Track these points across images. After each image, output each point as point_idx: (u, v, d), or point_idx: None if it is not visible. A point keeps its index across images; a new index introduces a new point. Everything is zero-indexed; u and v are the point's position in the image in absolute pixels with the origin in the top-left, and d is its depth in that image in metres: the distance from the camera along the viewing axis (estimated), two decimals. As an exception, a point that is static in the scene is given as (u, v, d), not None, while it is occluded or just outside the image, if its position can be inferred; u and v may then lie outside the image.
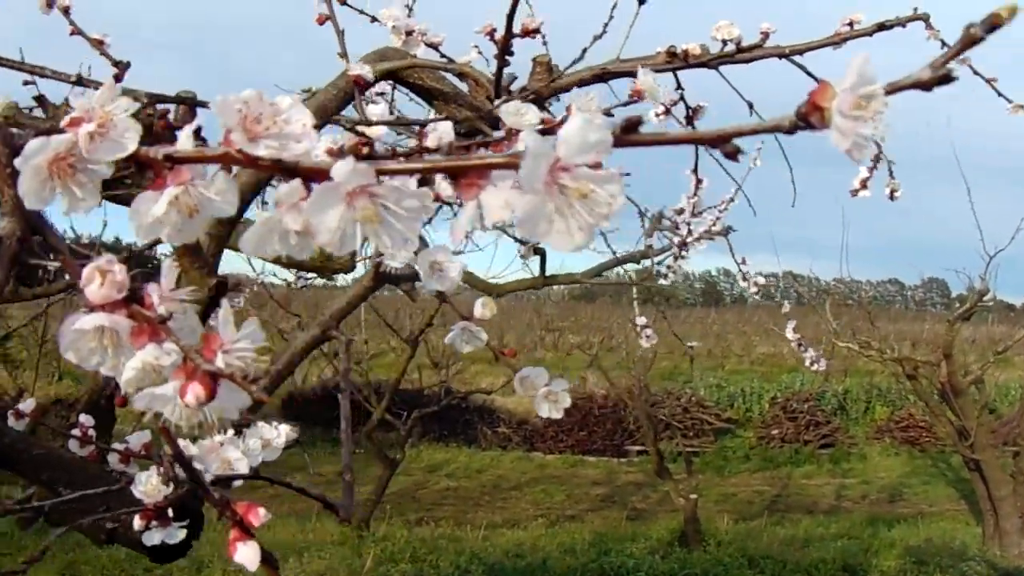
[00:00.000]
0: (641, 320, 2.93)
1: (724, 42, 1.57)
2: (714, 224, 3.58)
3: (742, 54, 1.67)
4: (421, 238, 0.99)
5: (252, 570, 0.86)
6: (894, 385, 16.20)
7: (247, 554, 0.86)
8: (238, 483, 1.39)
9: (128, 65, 1.77)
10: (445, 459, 13.54)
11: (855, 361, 17.65)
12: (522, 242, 3.15)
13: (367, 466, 9.70)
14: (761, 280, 3.52)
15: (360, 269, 3.15)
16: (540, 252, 3.08)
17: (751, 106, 1.82)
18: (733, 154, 0.58)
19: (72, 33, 1.90)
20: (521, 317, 29.01)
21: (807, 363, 3.92)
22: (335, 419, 6.83)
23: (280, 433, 1.44)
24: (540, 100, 1.82)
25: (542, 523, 9.88)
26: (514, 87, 1.82)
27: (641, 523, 9.88)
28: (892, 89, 0.54)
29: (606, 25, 1.77)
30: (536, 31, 1.61)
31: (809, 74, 1.71)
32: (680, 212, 3.61)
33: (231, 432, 1.43)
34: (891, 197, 1.92)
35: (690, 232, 2.32)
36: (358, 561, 7.24)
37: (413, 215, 0.63)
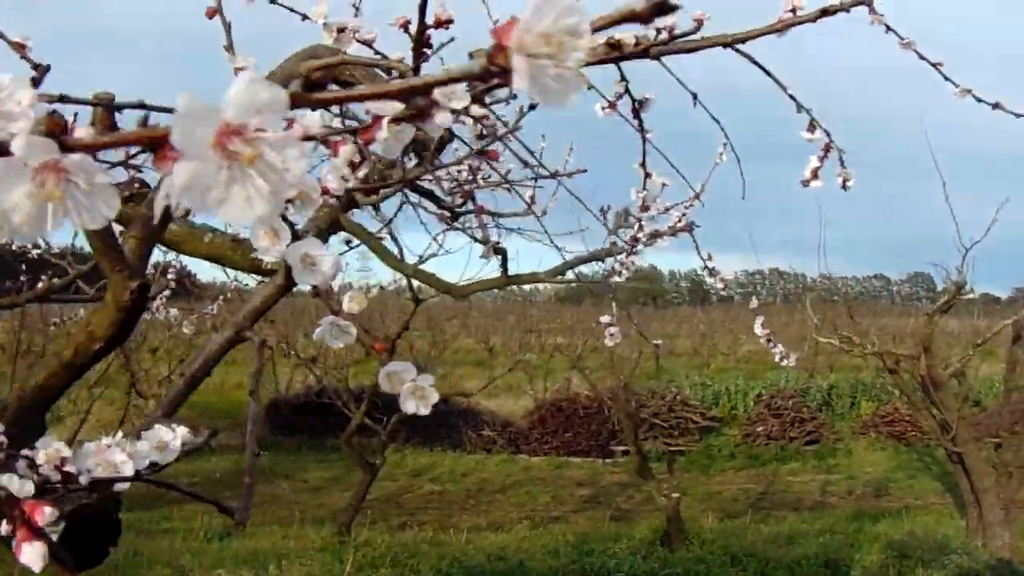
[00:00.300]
0: (605, 319, 2.88)
1: (658, 31, 1.53)
2: (679, 221, 3.55)
3: (683, 43, 1.63)
4: (296, 231, 0.96)
5: (37, 571, 0.83)
6: (879, 380, 16.23)
7: (32, 554, 0.84)
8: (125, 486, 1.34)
9: (48, 68, 1.72)
10: (430, 463, 13.52)
11: (840, 357, 17.67)
12: (482, 242, 3.12)
13: (350, 472, 9.67)
14: (729, 276, 3.49)
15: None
16: (500, 251, 3.05)
17: (695, 97, 1.78)
18: (426, 109, 0.56)
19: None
20: (506, 319, 28.98)
21: (776, 359, 3.88)
22: (320, 426, 6.81)
23: (177, 435, 1.39)
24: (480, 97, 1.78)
25: (526, 525, 9.85)
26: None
27: (625, 523, 9.85)
28: (601, 24, 0.51)
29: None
30: (449, 22, 1.56)
31: (755, 63, 1.67)
32: (646, 209, 3.58)
33: (119, 436, 1.38)
34: (843, 187, 1.88)
35: (641, 227, 2.28)
36: (339, 567, 7.19)
37: (104, 192, 0.60)
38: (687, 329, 32.21)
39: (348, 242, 3.53)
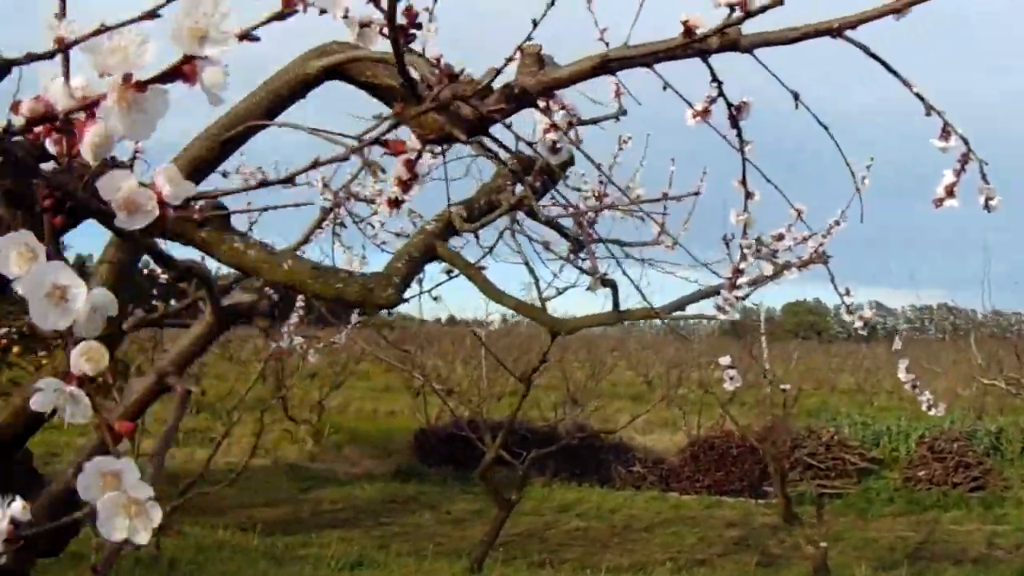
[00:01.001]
0: (724, 360, 2.59)
1: (731, 7, 1.24)
2: (815, 251, 3.23)
3: (780, 32, 1.35)
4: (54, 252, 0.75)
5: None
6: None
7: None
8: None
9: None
10: (577, 498, 13.19)
11: (1011, 399, 16.85)
12: (589, 273, 2.86)
13: (488, 507, 9.46)
14: (868, 314, 3.14)
15: (416, 305, 2.89)
16: (609, 284, 2.78)
17: (796, 97, 1.48)
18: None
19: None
20: (665, 352, 28.46)
21: (924, 407, 3.51)
22: (467, 457, 6.58)
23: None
24: (529, 98, 1.51)
25: (669, 568, 9.51)
26: (496, 83, 1.52)
27: (773, 570, 9.43)
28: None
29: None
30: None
31: (870, 54, 1.37)
32: (780, 238, 3.26)
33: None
34: (986, 206, 1.55)
35: (744, 257, 1.97)
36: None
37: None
38: (851, 365, 31.35)
39: (448, 271, 3.29)
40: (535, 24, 1.43)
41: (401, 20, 1.31)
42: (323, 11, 1.51)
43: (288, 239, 3.81)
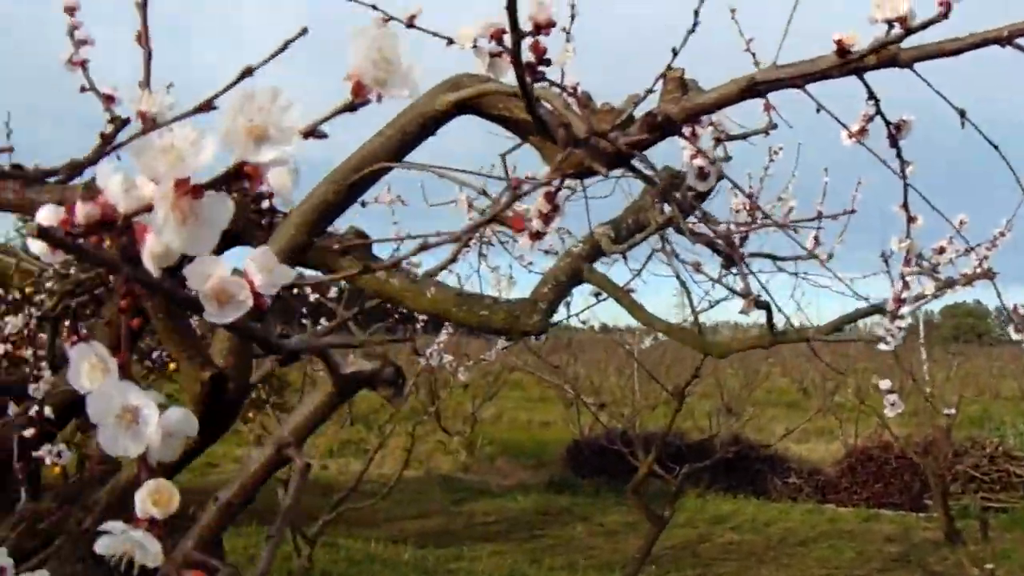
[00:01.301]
0: (884, 384, 2.47)
1: (889, 24, 1.15)
2: (979, 265, 3.09)
3: (943, 44, 1.25)
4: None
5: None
6: None
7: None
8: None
9: (127, 122, 1.51)
10: (732, 511, 12.97)
11: None
12: (741, 294, 2.75)
13: (642, 519, 9.34)
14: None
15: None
16: (763, 306, 2.68)
17: (963, 115, 1.37)
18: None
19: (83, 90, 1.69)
20: (815, 361, 27.82)
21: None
22: (619, 469, 6.49)
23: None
24: (673, 127, 1.44)
25: (825, 584, 9.30)
26: (638, 111, 1.44)
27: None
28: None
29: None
30: (549, 25, 1.22)
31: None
32: (941, 251, 3.12)
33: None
34: None
35: (906, 285, 1.84)
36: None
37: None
38: (1014, 369, 30.32)
39: (597, 295, 3.22)
40: (675, 53, 1.36)
41: (528, 56, 1.24)
42: (450, 41, 1.45)
43: (437, 257, 3.79)
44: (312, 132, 0.74)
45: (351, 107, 0.76)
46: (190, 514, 1.72)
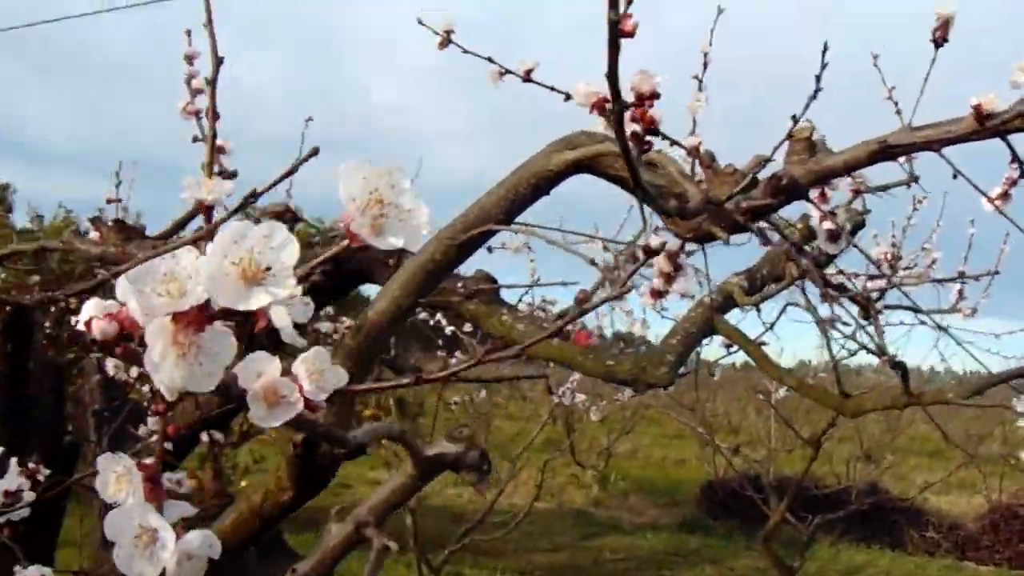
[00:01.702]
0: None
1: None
2: None
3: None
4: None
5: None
6: None
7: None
8: None
9: (234, 174, 1.53)
10: (865, 562, 12.67)
11: None
12: (877, 353, 2.69)
13: (771, 568, 9.18)
14: None
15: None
16: (899, 366, 2.62)
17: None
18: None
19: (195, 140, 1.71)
20: (963, 410, 27.11)
21: None
22: (755, 512, 6.38)
23: None
24: (799, 189, 1.41)
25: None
26: (763, 174, 1.41)
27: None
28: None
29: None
30: (654, 96, 1.18)
31: None
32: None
33: None
34: None
35: None
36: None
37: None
38: None
39: (728, 346, 3.18)
40: (795, 120, 1.33)
41: (635, 126, 1.21)
42: (568, 97, 1.45)
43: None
44: (307, 277, 0.71)
45: (350, 250, 0.72)
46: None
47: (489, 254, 2.71)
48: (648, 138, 1.21)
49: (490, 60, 1.71)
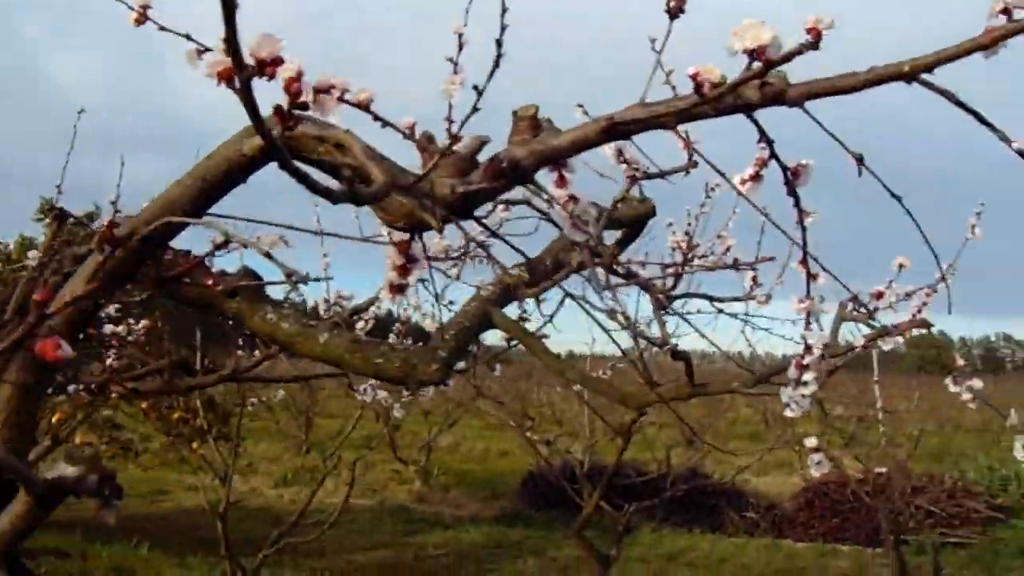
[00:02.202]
0: (810, 442, 2.28)
1: (751, 55, 0.96)
2: (919, 311, 2.93)
3: (837, 80, 1.06)
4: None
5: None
6: None
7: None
8: None
9: None
10: (687, 546, 12.74)
11: None
12: (658, 344, 2.57)
13: (590, 561, 9.13)
14: (977, 385, 2.80)
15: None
16: (682, 357, 2.50)
17: (860, 160, 1.18)
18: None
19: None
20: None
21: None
22: (575, 503, 6.22)
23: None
24: (522, 172, 1.24)
25: (778, 626, 9.12)
26: (482, 155, 1.25)
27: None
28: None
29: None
30: (276, 62, 0.99)
31: (956, 102, 1.08)
32: (879, 296, 2.95)
33: None
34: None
35: (808, 349, 1.61)
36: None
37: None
38: (977, 401, 30.15)
39: (508, 340, 3.03)
40: (479, 91, 1.16)
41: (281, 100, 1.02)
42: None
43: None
44: None
45: None
46: None
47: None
48: (297, 112, 1.02)
49: (188, 37, 1.51)
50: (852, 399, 17.45)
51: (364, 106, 1.29)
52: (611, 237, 3.18)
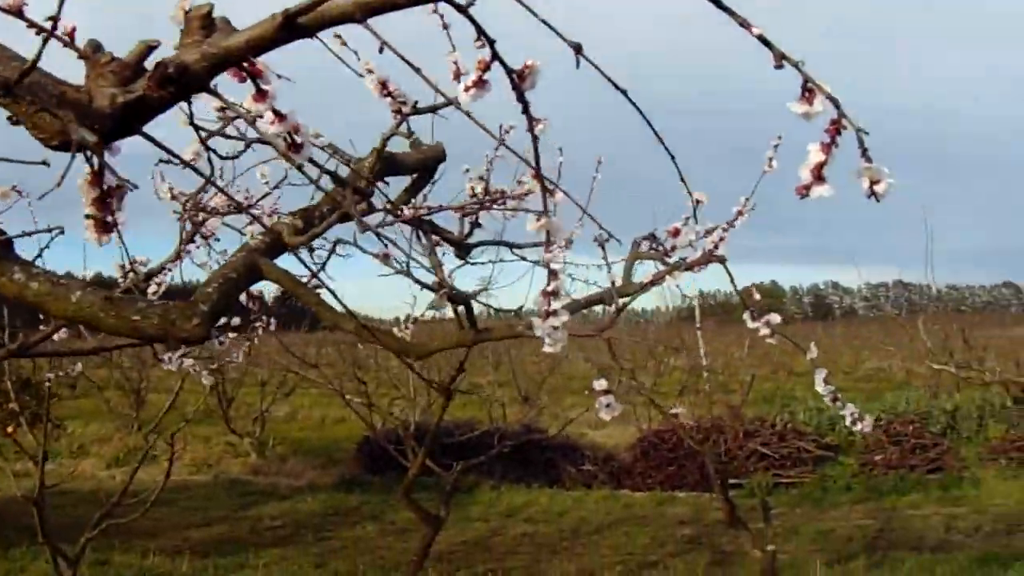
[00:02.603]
0: (599, 384, 2.15)
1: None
2: (716, 247, 2.84)
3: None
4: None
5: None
6: (1008, 403, 15.05)
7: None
8: None
9: None
10: (525, 502, 12.72)
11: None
12: (431, 288, 2.43)
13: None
14: (776, 319, 2.72)
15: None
16: (461, 300, 2.36)
17: (579, 51, 1.05)
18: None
19: None
20: (621, 341, 27.98)
21: (847, 420, 3.08)
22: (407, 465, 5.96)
23: None
24: (194, 78, 1.09)
25: (620, 571, 9.12)
26: (150, 61, 1.09)
27: (723, 569, 9.07)
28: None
29: None
30: None
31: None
32: (676, 233, 2.86)
33: None
34: (872, 194, 1.13)
35: (553, 274, 1.50)
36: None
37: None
38: (806, 346, 30.89)
39: (283, 293, 2.86)
40: None
41: None
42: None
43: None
44: None
45: None
46: None
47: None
48: None
49: None
50: (684, 348, 17.67)
51: (16, 11, 1.12)
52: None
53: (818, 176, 1.11)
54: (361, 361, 15.88)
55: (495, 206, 3.29)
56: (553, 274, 1.27)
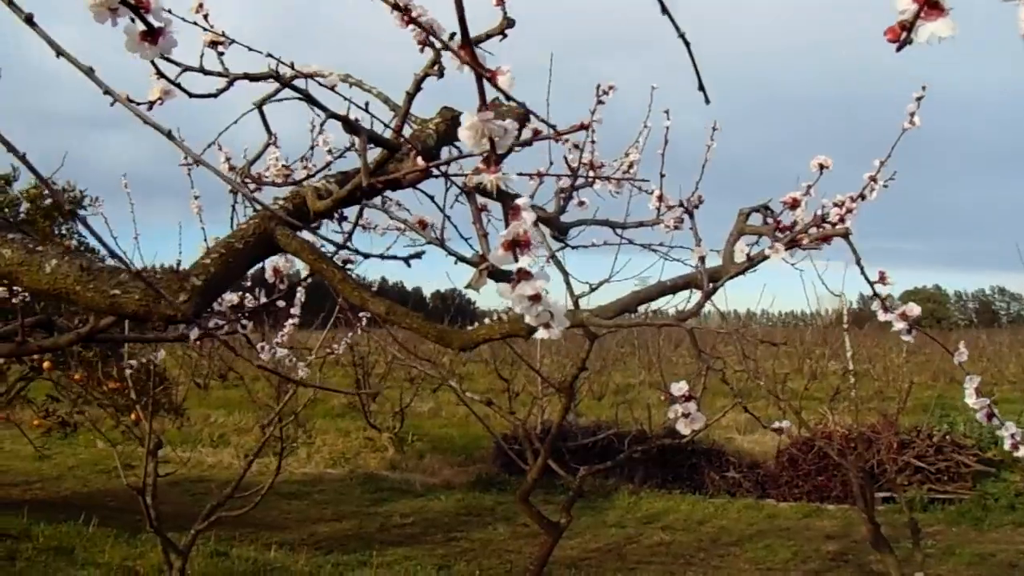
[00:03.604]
0: (678, 388, 1.71)
1: None
2: (840, 220, 2.35)
3: None
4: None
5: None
6: None
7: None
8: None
9: None
10: (665, 508, 12.21)
11: None
12: (472, 263, 2.02)
13: (581, 514, 8.59)
14: (915, 311, 2.20)
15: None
16: (505, 278, 1.94)
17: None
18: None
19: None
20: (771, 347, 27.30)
21: (1006, 444, 2.54)
22: (548, 466, 5.52)
23: None
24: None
25: (756, 589, 8.62)
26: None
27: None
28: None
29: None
30: None
31: None
32: (794, 205, 2.38)
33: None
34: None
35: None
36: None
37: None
38: (971, 354, 29.72)
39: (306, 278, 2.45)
40: None
41: None
42: None
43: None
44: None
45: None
46: None
47: None
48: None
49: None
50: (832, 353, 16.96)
51: None
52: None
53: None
54: (509, 358, 15.59)
55: (596, 177, 2.86)
56: (514, 211, 0.82)
